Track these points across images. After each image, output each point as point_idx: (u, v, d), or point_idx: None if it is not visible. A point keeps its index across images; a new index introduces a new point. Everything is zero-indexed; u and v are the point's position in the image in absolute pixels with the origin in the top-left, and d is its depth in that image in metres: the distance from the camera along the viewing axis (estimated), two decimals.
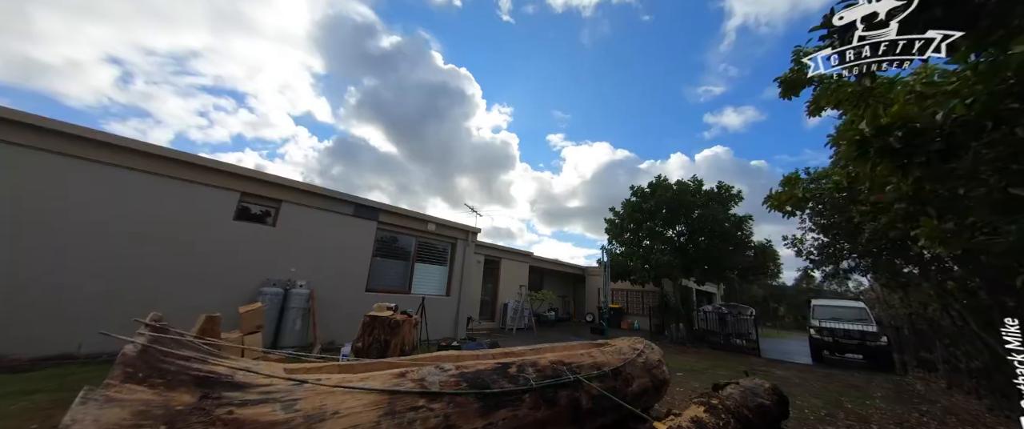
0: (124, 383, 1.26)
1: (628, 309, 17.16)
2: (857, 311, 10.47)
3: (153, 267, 5.39)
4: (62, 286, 4.73)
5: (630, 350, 3.70)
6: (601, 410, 2.86)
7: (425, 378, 2.07)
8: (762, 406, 3.24)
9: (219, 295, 5.79)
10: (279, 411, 1.51)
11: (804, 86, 4.10)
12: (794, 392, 5.81)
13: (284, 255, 6.70)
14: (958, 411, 5.42)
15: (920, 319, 8.41)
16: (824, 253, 6.89)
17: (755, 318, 11.56)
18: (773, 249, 13.36)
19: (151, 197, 5.52)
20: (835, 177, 4.81)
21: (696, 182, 13.15)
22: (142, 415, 1.23)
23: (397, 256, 8.92)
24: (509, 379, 2.39)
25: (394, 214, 8.58)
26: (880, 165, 2.68)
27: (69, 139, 4.96)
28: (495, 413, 2.16)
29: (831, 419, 4.63)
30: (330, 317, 6.95)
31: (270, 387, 1.59)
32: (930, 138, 2.37)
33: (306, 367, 2.11)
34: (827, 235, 6.39)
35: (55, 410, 3.10)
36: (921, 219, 3.01)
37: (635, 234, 13.56)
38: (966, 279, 4.84)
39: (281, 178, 6.84)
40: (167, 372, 1.38)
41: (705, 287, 19.80)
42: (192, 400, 1.36)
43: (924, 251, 4.37)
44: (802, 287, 33.90)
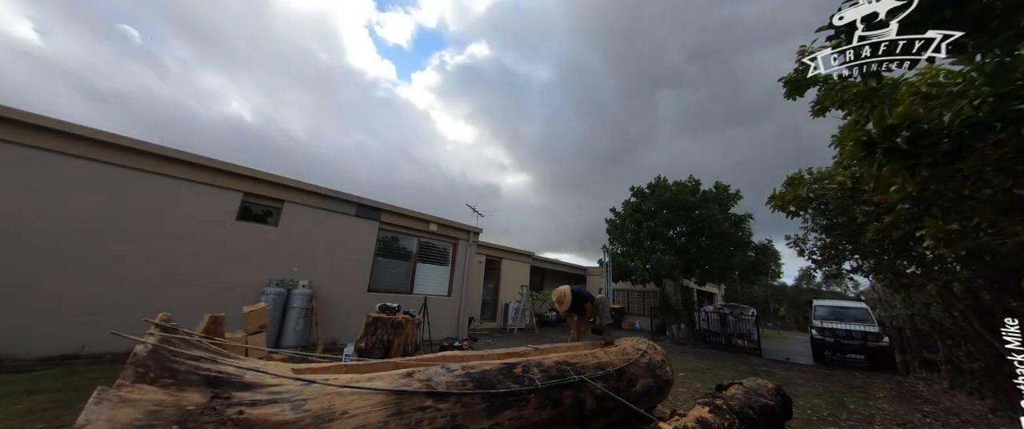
0: (136, 383, 1.26)
1: (629, 309, 17.16)
2: (859, 311, 10.46)
3: (156, 267, 5.39)
4: (64, 286, 4.74)
5: (634, 350, 3.71)
6: (605, 410, 2.86)
7: (431, 378, 2.07)
8: (766, 407, 3.24)
9: (222, 295, 5.79)
10: (288, 411, 1.51)
11: (808, 86, 4.09)
12: (796, 392, 5.81)
13: (286, 255, 6.71)
14: (961, 411, 5.42)
15: (922, 320, 8.40)
16: (827, 254, 6.89)
17: (756, 318, 11.55)
18: (774, 249, 13.35)
19: (154, 197, 5.52)
20: (839, 177, 4.81)
21: (694, 182, 13.14)
22: (154, 415, 1.23)
23: (399, 256, 8.92)
24: (514, 379, 2.39)
25: (396, 214, 8.58)
26: (886, 166, 2.68)
27: (70, 139, 4.96)
28: (501, 413, 2.16)
29: (834, 420, 4.62)
30: (332, 317, 6.96)
31: (279, 387, 1.60)
32: (938, 139, 2.37)
33: (313, 367, 2.11)
34: (830, 235, 6.38)
35: (60, 410, 3.10)
36: (926, 219, 3.01)
37: (635, 234, 13.55)
38: (971, 280, 4.83)
39: (284, 178, 6.85)
40: (178, 372, 1.38)
41: (706, 287, 19.81)
42: (203, 400, 1.36)
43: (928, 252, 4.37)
44: (803, 287, 33.91)
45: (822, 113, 4.24)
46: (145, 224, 5.39)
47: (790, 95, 4.11)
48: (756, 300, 29.47)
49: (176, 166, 5.75)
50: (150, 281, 5.31)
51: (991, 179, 2.59)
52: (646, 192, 13.74)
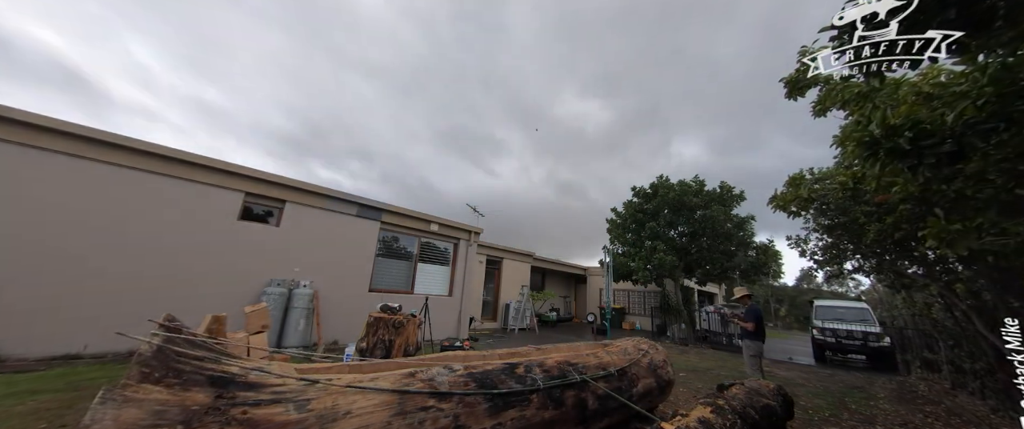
0: (141, 383, 1.26)
1: (630, 309, 17.16)
2: (860, 312, 10.45)
3: (157, 267, 5.40)
4: (66, 286, 4.75)
5: (635, 350, 3.71)
6: (607, 410, 2.86)
7: (434, 378, 2.07)
8: (767, 407, 3.23)
9: (223, 295, 5.80)
10: (292, 411, 1.51)
11: (809, 86, 4.10)
12: (798, 393, 5.80)
13: (288, 255, 6.71)
14: (962, 412, 5.41)
15: (923, 320, 8.40)
16: (828, 254, 6.88)
17: None
18: (775, 249, 13.34)
19: (155, 197, 5.53)
20: (840, 177, 4.81)
21: (698, 182, 13.14)
22: (159, 415, 1.23)
23: (400, 256, 8.93)
24: (517, 379, 2.40)
25: (397, 214, 8.59)
26: (889, 166, 2.68)
27: (72, 139, 4.97)
28: (504, 413, 2.16)
29: (836, 420, 4.62)
30: (333, 317, 6.96)
31: (283, 387, 1.60)
32: (941, 139, 2.37)
33: (316, 367, 2.12)
34: (831, 236, 6.38)
35: (62, 410, 3.11)
36: (928, 219, 3.01)
37: (637, 234, 13.54)
38: (973, 280, 4.83)
39: (285, 178, 6.85)
40: (182, 372, 1.38)
41: (707, 287, 19.80)
42: (207, 400, 1.37)
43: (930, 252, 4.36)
44: (803, 287, 33.90)
45: (823, 113, 4.24)
46: (147, 224, 5.40)
47: (791, 95, 4.12)
48: (757, 300, 29.44)
49: (178, 166, 5.75)
50: (151, 281, 5.32)
51: (993, 179, 2.59)
52: (648, 192, 13.73)
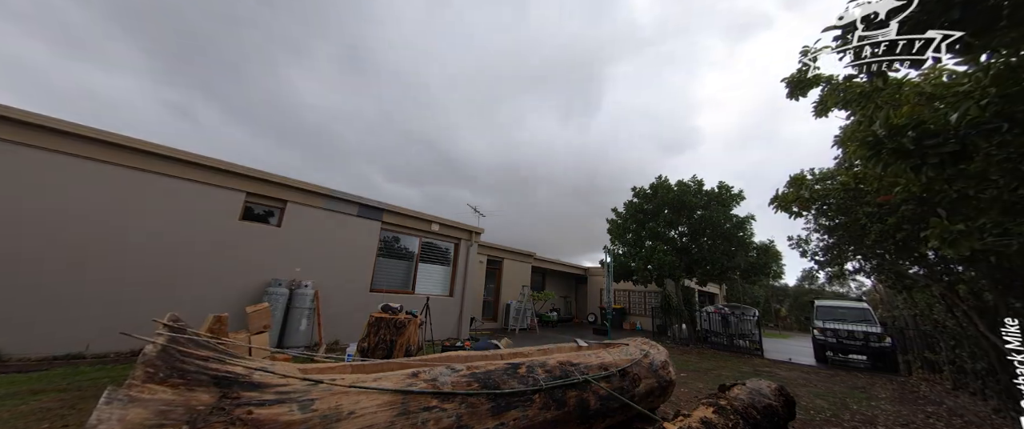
0: (146, 383, 1.27)
1: (631, 310, 17.15)
2: (861, 312, 10.44)
3: (159, 267, 5.41)
4: (68, 287, 4.75)
5: (637, 351, 3.71)
6: (609, 411, 2.86)
7: (437, 378, 2.07)
8: (769, 407, 3.23)
9: (225, 295, 5.81)
10: (296, 411, 1.52)
11: (811, 87, 4.10)
12: (799, 393, 5.80)
13: (289, 255, 6.72)
14: (964, 412, 5.40)
15: (925, 320, 8.39)
16: (829, 254, 6.89)
17: (758, 319, 11.54)
18: (776, 249, 13.32)
19: (157, 197, 5.54)
20: (842, 178, 4.81)
21: (697, 182, 13.13)
22: (164, 415, 1.24)
23: (401, 256, 8.93)
24: (519, 379, 2.40)
25: (398, 214, 8.59)
26: (892, 166, 2.68)
27: (73, 139, 4.98)
28: (506, 413, 2.16)
29: (837, 420, 4.61)
30: (334, 317, 6.97)
31: (286, 387, 1.60)
32: (944, 139, 2.37)
33: (320, 367, 2.12)
34: (832, 236, 6.38)
35: (65, 410, 3.11)
36: (931, 220, 3.01)
37: (637, 234, 13.55)
38: (975, 281, 4.82)
39: (286, 178, 6.86)
40: (187, 372, 1.38)
41: (707, 288, 19.79)
42: (211, 400, 1.37)
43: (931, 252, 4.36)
44: (805, 287, 33.86)
45: (824, 113, 4.24)
46: (148, 224, 5.40)
47: (792, 95, 4.11)
48: (757, 300, 29.40)
49: (179, 166, 5.76)
50: (153, 281, 5.32)
51: (996, 179, 2.59)
52: (648, 192, 13.74)
